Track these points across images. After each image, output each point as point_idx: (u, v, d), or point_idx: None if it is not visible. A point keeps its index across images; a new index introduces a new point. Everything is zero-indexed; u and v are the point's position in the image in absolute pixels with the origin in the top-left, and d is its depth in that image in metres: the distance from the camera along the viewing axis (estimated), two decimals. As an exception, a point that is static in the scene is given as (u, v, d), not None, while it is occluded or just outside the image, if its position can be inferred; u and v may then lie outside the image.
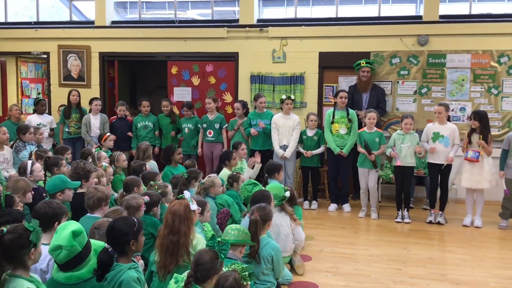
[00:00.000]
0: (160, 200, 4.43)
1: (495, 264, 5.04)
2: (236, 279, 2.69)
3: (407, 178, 6.57)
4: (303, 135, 7.24)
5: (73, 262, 2.84)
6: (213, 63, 8.42)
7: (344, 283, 4.49)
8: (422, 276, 4.68)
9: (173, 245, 3.43)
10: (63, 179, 4.55)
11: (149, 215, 4.32)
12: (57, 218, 3.46)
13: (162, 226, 3.61)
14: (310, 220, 6.65)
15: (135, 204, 4.01)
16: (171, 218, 3.52)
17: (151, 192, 4.49)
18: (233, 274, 2.71)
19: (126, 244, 2.95)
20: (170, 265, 3.41)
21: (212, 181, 5.13)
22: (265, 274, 3.92)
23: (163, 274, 3.42)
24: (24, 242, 2.45)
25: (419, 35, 7.60)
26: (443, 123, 6.41)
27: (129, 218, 3.18)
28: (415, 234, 6.11)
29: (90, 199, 4.18)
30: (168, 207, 3.69)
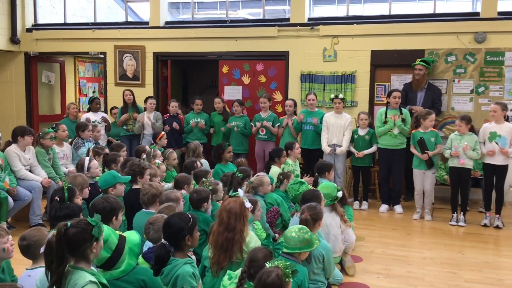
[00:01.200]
0: (209, 196, 4.50)
1: (556, 271, 4.83)
2: (278, 275, 2.69)
3: (464, 179, 6.38)
4: (355, 135, 7.17)
5: (107, 265, 2.91)
6: (264, 62, 8.46)
7: (396, 285, 4.42)
8: (477, 280, 4.54)
9: (228, 242, 3.50)
10: (114, 175, 4.75)
11: (200, 211, 4.41)
12: (115, 212, 3.60)
13: (216, 223, 3.68)
14: (361, 220, 6.58)
15: (174, 197, 4.11)
16: (226, 215, 3.58)
17: (200, 188, 4.58)
18: (276, 270, 2.71)
19: (182, 239, 3.03)
20: (224, 261, 3.48)
21: (260, 180, 5.17)
22: (316, 273, 3.92)
23: (216, 270, 3.49)
24: (87, 236, 2.56)
25: (476, 32, 7.35)
26: (499, 123, 6.18)
27: (184, 214, 3.27)
28: (470, 237, 5.93)
29: (145, 195, 4.33)
30: (222, 205, 3.75)
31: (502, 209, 6.34)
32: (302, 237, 3.63)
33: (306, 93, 7.97)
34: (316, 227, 4.01)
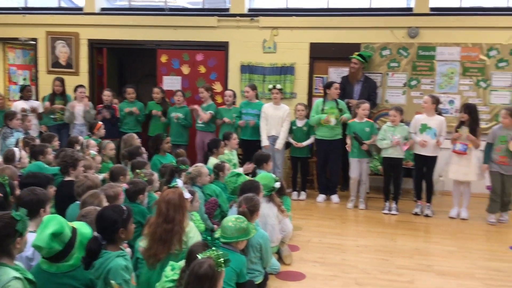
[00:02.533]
0: (146, 188, 4.42)
1: (481, 255, 5.10)
2: (211, 266, 2.68)
3: (396, 170, 6.61)
4: (293, 126, 7.24)
5: (56, 257, 2.85)
6: (204, 52, 8.37)
7: (331, 273, 4.52)
8: (408, 266, 4.72)
9: (167, 234, 3.45)
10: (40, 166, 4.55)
11: (136, 203, 4.31)
12: (42, 204, 3.46)
13: (154, 214, 3.60)
14: (299, 210, 6.67)
15: (112, 193, 3.99)
16: (165, 206, 3.53)
17: (136, 180, 4.48)
18: (208, 261, 2.70)
19: (115, 232, 2.94)
20: (162, 253, 3.42)
21: (198, 171, 5.13)
22: (253, 262, 3.94)
23: (153, 262, 3.42)
24: (10, 231, 2.43)
25: (409, 27, 7.60)
26: (430, 115, 6.45)
27: (119, 206, 3.17)
28: (402, 225, 6.16)
29: (79, 187, 4.17)
30: (161, 196, 3.70)
31: (432, 198, 6.62)
32: (239, 226, 3.64)
33: (246, 84, 7.97)
34: (253, 218, 4.03)
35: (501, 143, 6.09)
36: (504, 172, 6.12)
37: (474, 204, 6.67)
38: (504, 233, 5.89)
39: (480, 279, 4.46)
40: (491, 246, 5.43)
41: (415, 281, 4.38)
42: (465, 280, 4.43)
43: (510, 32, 7.29)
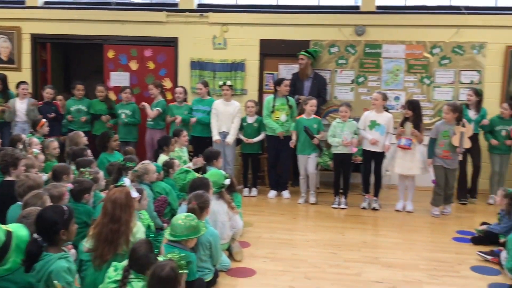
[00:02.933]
0: (91, 187, 4.30)
1: (425, 247, 5.27)
2: (173, 268, 2.67)
3: (346, 165, 6.73)
4: (243, 122, 7.24)
5: None
6: (152, 48, 8.23)
7: (281, 268, 4.55)
8: (356, 259, 4.82)
9: (113, 234, 3.37)
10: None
11: (81, 203, 4.19)
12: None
13: (100, 214, 3.52)
14: (250, 207, 6.68)
15: (56, 194, 3.86)
16: (111, 206, 3.46)
17: (81, 179, 4.35)
18: (169, 263, 2.69)
19: (56, 233, 2.85)
20: (108, 254, 3.34)
21: (145, 168, 5.04)
22: (203, 260, 3.91)
23: (99, 263, 3.33)
24: None
25: (356, 25, 7.75)
26: (379, 112, 6.60)
27: (59, 206, 3.07)
28: (351, 219, 6.28)
29: (20, 187, 4.00)
30: (107, 195, 3.61)
31: (379, 192, 6.79)
32: (189, 224, 3.61)
33: (196, 80, 7.91)
34: (203, 215, 4.01)
35: (444, 138, 6.31)
36: (447, 166, 6.34)
37: (418, 197, 6.89)
38: (447, 225, 6.11)
39: (424, 270, 4.60)
40: (435, 238, 5.62)
41: (363, 274, 4.47)
42: (410, 271, 4.56)
43: (452, 30, 7.56)
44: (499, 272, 4.54)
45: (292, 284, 4.21)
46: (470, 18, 7.51)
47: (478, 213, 6.58)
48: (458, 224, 6.11)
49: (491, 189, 7.08)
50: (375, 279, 4.36)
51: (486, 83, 7.54)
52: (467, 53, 7.55)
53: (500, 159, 6.99)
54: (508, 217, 5.12)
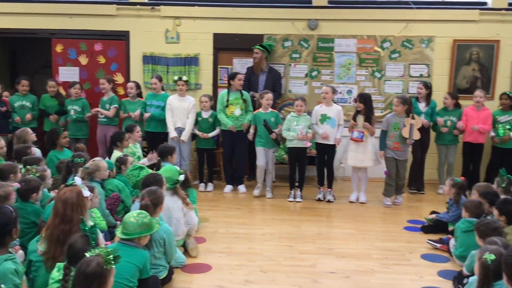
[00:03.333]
0: (40, 185, 4.16)
1: (377, 237, 5.39)
2: (99, 264, 2.59)
3: (301, 158, 6.78)
4: (198, 117, 7.18)
5: None
6: (102, 41, 8.02)
7: (237, 262, 4.55)
8: (311, 251, 4.88)
9: (65, 235, 3.26)
10: None
11: (29, 202, 4.04)
12: None
13: (51, 215, 3.41)
14: (206, 202, 6.65)
15: (3, 193, 3.72)
16: (62, 206, 3.36)
17: (29, 178, 4.20)
18: (96, 259, 2.61)
19: (8, 234, 2.75)
20: (60, 255, 3.23)
21: (96, 165, 4.92)
22: (157, 257, 3.86)
23: (51, 265, 3.22)
24: None
25: (309, 19, 7.81)
26: (329, 105, 6.69)
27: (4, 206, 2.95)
28: (306, 211, 6.35)
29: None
30: (57, 195, 3.51)
31: (333, 184, 6.89)
32: (141, 221, 3.54)
33: (149, 75, 7.78)
34: (157, 211, 3.95)
35: (394, 130, 6.46)
36: (398, 157, 6.50)
37: (371, 189, 7.04)
38: (398, 214, 6.27)
39: (376, 259, 4.71)
40: (387, 228, 5.76)
41: (317, 265, 4.53)
42: (363, 261, 4.65)
43: (402, 24, 7.74)
44: (448, 260, 4.70)
45: (248, 278, 4.22)
46: (419, 12, 7.71)
47: (428, 203, 6.79)
48: (409, 213, 6.29)
49: (440, 179, 7.33)
50: (329, 269, 4.42)
51: (434, 76, 7.78)
52: (416, 47, 7.76)
53: (446, 150, 7.23)
54: (456, 206, 5.31)
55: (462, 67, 7.75)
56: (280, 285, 4.09)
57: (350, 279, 4.23)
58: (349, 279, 4.23)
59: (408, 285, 4.13)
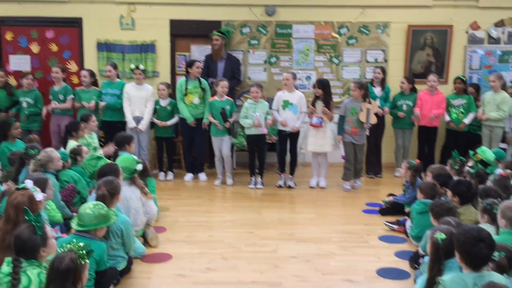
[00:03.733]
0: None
1: (337, 220, 5.48)
2: (72, 260, 2.56)
3: (260, 145, 6.78)
4: (157, 105, 7.07)
5: None
6: (54, 29, 7.75)
7: (198, 250, 4.53)
8: (272, 237, 4.90)
9: None
10: None
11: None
12: None
13: (2, 220, 3.29)
14: (166, 191, 6.58)
15: None
16: (13, 212, 3.25)
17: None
18: (69, 255, 2.57)
19: None
20: None
21: (49, 156, 4.76)
22: (115, 248, 3.79)
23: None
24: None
25: (266, 5, 7.77)
26: (291, 91, 6.70)
27: None
28: (267, 198, 6.38)
29: None
30: (8, 200, 3.37)
31: (295, 170, 6.94)
32: (98, 212, 3.47)
33: (104, 63, 7.58)
34: (114, 201, 3.88)
35: (352, 115, 6.54)
36: (356, 142, 6.60)
37: (331, 173, 7.12)
38: (357, 198, 6.38)
39: (336, 242, 4.78)
40: (346, 211, 5.86)
41: (278, 250, 4.56)
42: (323, 244, 4.72)
43: (358, 10, 7.80)
44: (404, 241, 4.83)
45: (209, 266, 4.20)
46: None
47: (386, 186, 6.93)
48: (368, 197, 6.41)
49: (397, 162, 7.49)
50: (290, 254, 4.46)
51: (390, 61, 7.90)
52: (372, 32, 7.85)
53: (403, 134, 7.39)
54: (412, 188, 5.44)
55: (417, 52, 7.90)
56: (241, 272, 4.10)
57: (310, 263, 4.28)
58: (309, 263, 4.28)
59: (366, 266, 4.22)
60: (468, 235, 2.73)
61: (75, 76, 7.77)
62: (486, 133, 7.06)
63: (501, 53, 7.91)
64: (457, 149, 5.78)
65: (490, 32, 7.89)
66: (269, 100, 6.99)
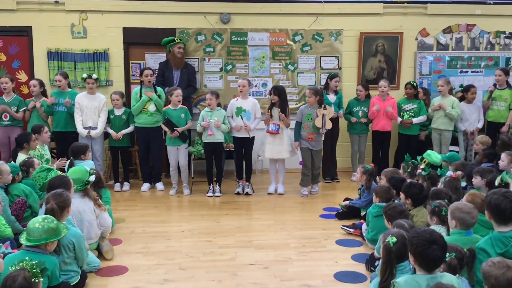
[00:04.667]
0: None
1: (295, 226, 5.50)
2: (26, 278, 2.48)
3: (217, 153, 6.75)
4: (111, 115, 6.93)
5: None
6: (2, 38, 7.50)
7: (155, 261, 4.45)
8: (230, 245, 4.88)
9: None
10: None
11: None
12: None
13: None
14: (122, 202, 6.46)
15: None
16: None
17: None
18: (22, 273, 2.49)
19: None
20: None
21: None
22: (67, 263, 3.68)
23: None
24: None
25: (221, 13, 7.78)
26: (245, 98, 6.72)
27: None
28: (226, 206, 6.35)
29: None
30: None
31: (252, 176, 6.94)
32: (47, 226, 3.36)
33: (55, 72, 7.38)
34: (64, 215, 3.76)
35: (308, 121, 6.61)
36: (312, 147, 6.67)
37: (289, 179, 7.17)
38: (315, 203, 6.44)
39: (294, 248, 4.80)
40: (304, 217, 5.89)
41: (237, 258, 4.54)
42: (281, 250, 4.73)
43: (312, 18, 7.92)
44: (361, 244, 4.90)
45: (166, 276, 4.14)
46: (327, 6, 7.92)
47: (342, 190, 7.04)
48: (325, 201, 6.48)
49: (353, 167, 7.61)
50: (248, 261, 4.45)
51: (343, 68, 8.05)
52: (325, 40, 7.98)
53: (358, 139, 7.53)
54: (367, 191, 5.53)
55: (369, 58, 8.09)
56: (200, 282, 4.06)
57: (269, 269, 4.28)
58: (268, 270, 4.28)
59: (324, 271, 4.25)
60: (421, 238, 2.78)
61: (25, 86, 7.54)
62: (436, 137, 7.28)
63: (449, 58, 8.19)
64: (409, 152, 5.93)
65: (438, 39, 8.17)
66: (225, 107, 6.98)
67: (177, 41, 7.40)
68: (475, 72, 8.24)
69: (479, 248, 3.18)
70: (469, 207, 3.52)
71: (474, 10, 8.16)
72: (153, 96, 6.81)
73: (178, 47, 7.39)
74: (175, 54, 7.40)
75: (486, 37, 8.24)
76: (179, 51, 7.39)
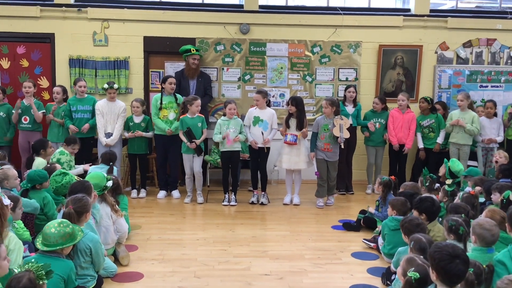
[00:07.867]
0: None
1: (310, 237, 5.48)
2: (30, 280, 2.50)
3: (234, 162, 6.78)
4: (130, 122, 7.01)
5: None
6: (26, 44, 7.66)
7: (170, 269, 4.47)
8: (245, 254, 4.88)
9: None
10: None
11: None
12: None
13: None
14: (138, 208, 6.50)
15: None
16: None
17: None
18: (27, 275, 2.51)
19: None
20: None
21: (5, 174, 4.59)
22: (84, 267, 3.71)
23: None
24: None
25: (241, 23, 7.84)
26: (263, 108, 6.74)
27: None
28: (240, 215, 6.35)
29: None
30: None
31: (266, 187, 6.94)
32: (63, 231, 3.39)
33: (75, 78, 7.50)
34: (82, 220, 3.79)
35: (324, 131, 6.60)
36: (328, 159, 6.64)
37: (304, 190, 7.15)
38: (330, 214, 6.41)
39: (309, 259, 4.78)
40: (319, 228, 5.87)
41: (251, 268, 4.53)
42: (296, 261, 4.71)
43: (331, 30, 7.94)
44: (377, 257, 4.85)
45: (181, 284, 4.15)
46: (346, 18, 7.95)
47: (357, 203, 6.97)
48: (340, 213, 6.45)
49: (368, 179, 7.57)
50: (263, 272, 4.44)
51: (361, 79, 8.04)
52: (344, 51, 7.99)
53: (375, 151, 7.49)
54: (383, 203, 5.49)
55: (388, 71, 8.07)
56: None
57: (284, 280, 4.27)
58: (282, 280, 4.27)
59: (339, 283, 4.22)
60: (443, 252, 2.73)
61: (46, 92, 7.67)
62: (454, 151, 7.20)
63: (469, 72, 8.13)
64: (427, 166, 5.88)
65: (458, 53, 8.12)
66: (242, 117, 7.01)
67: (193, 51, 7.45)
68: (495, 86, 8.17)
69: (497, 261, 3.14)
70: (490, 224, 3.47)
71: (494, 24, 8.11)
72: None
73: (193, 58, 7.44)
74: (190, 65, 7.47)
75: (506, 51, 8.17)
76: (194, 62, 7.45)
